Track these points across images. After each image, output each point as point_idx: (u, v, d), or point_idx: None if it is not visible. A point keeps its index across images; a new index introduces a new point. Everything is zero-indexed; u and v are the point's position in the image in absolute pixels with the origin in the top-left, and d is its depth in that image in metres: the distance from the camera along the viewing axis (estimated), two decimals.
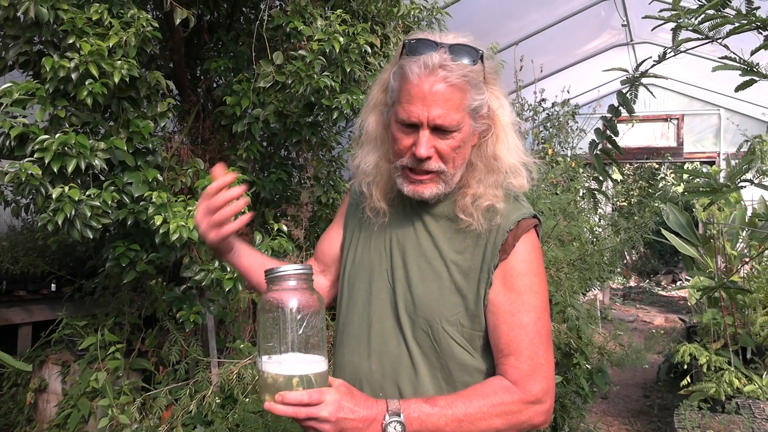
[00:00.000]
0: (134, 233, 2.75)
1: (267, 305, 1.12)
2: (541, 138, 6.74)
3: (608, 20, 7.08)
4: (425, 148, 1.18)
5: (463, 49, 1.19)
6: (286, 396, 1.05)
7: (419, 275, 1.27)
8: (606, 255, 4.90)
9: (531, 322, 1.22)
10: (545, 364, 1.22)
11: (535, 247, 1.27)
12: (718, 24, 1.22)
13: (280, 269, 1.13)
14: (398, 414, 1.11)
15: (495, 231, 1.24)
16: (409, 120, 1.19)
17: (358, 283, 1.36)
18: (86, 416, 3.25)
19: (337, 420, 1.07)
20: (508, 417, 1.17)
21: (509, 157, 1.27)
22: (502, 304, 1.23)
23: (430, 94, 1.16)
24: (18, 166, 2.20)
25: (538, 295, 1.24)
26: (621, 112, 1.76)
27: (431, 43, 1.19)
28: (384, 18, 3.55)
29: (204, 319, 2.97)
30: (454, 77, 1.17)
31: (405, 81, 1.19)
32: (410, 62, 1.19)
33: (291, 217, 3.65)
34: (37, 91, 2.33)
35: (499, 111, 1.26)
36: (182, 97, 3.44)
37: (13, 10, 2.26)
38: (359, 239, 1.41)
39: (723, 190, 1.19)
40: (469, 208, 1.24)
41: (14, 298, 4.05)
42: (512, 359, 1.21)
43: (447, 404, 1.15)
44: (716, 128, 9.21)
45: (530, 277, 1.24)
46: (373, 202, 1.33)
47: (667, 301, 11.15)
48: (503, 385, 1.20)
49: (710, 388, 4.00)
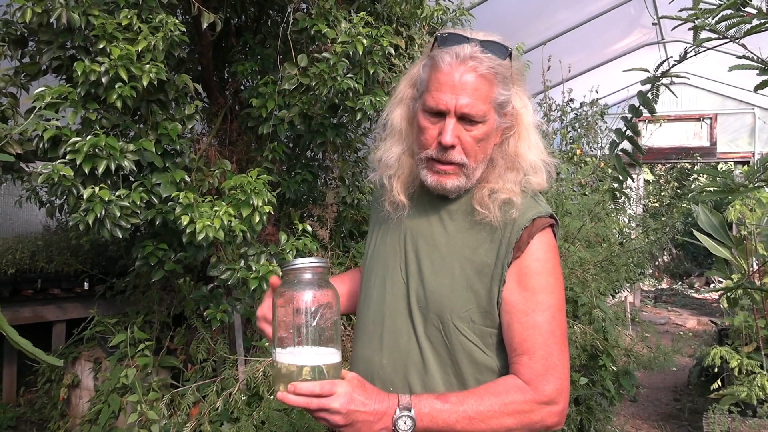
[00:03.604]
0: (163, 233, 2.81)
1: (282, 297, 1.14)
2: (569, 138, 6.68)
3: (638, 19, 7.00)
4: (450, 136, 1.20)
5: (493, 45, 1.23)
6: (298, 386, 1.07)
7: (431, 270, 1.28)
8: (634, 256, 4.84)
9: (545, 321, 1.21)
10: (559, 365, 1.21)
11: (551, 247, 1.26)
12: (734, 24, 1.21)
13: (295, 262, 1.15)
14: (409, 409, 1.12)
15: (510, 227, 1.23)
16: (437, 107, 1.21)
17: (374, 278, 1.37)
18: (116, 412, 3.32)
19: (348, 412, 1.09)
20: (520, 416, 1.17)
21: (530, 155, 1.28)
22: (516, 303, 1.22)
23: (460, 83, 1.19)
24: (51, 168, 2.26)
25: (552, 295, 1.23)
26: (642, 112, 1.75)
27: (463, 38, 1.22)
28: (408, 20, 3.57)
29: (231, 318, 3.01)
30: (484, 68, 1.20)
31: (436, 70, 1.22)
32: (442, 52, 1.22)
33: (316, 217, 3.69)
34: (69, 94, 2.40)
35: (522, 110, 1.29)
36: (210, 99, 3.50)
37: (46, 16, 2.32)
38: (378, 234, 1.42)
39: (740, 189, 1.18)
40: (485, 200, 1.24)
41: (49, 296, 4.16)
42: (525, 358, 1.20)
43: (458, 401, 1.16)
44: (751, 127, 9.02)
45: (545, 277, 1.23)
46: (393, 195, 1.34)
47: (700, 303, 10.94)
48: (516, 384, 1.20)
49: (741, 392, 3.93)
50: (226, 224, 2.52)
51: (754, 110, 8.89)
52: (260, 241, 3.15)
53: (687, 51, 1.51)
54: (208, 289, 3.03)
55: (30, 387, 4.12)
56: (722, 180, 1.21)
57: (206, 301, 2.97)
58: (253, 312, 3.50)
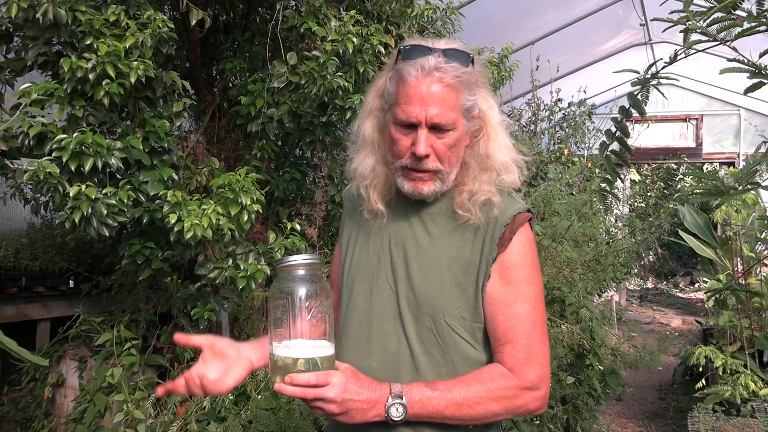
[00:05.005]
0: (150, 231, 2.79)
1: (277, 293, 1.19)
2: (557, 138, 6.71)
3: (626, 20, 7.03)
4: (424, 146, 1.24)
5: (456, 53, 1.26)
6: (295, 377, 1.13)
7: (420, 273, 1.31)
8: (621, 256, 4.87)
9: (527, 312, 1.28)
10: (540, 352, 1.28)
11: (530, 240, 1.33)
12: (726, 27, 1.22)
13: (289, 259, 1.20)
14: (401, 396, 1.19)
15: (492, 224, 1.29)
16: (408, 120, 1.25)
17: (358, 284, 1.39)
18: (102, 411, 3.29)
19: (343, 401, 1.15)
20: (505, 402, 1.24)
21: (501, 155, 1.33)
22: (499, 296, 1.28)
23: (428, 94, 1.23)
24: (36, 165, 2.24)
25: (533, 286, 1.30)
26: (632, 113, 1.76)
27: (425, 48, 1.26)
28: (398, 18, 3.56)
29: (218, 317, 3.00)
30: (449, 78, 1.23)
31: (402, 83, 1.25)
32: (407, 66, 1.25)
33: (305, 216, 3.68)
34: (56, 91, 2.37)
35: (489, 112, 1.33)
36: (198, 96, 3.48)
37: (32, 11, 2.30)
38: (357, 241, 1.44)
39: (730, 192, 1.19)
40: (466, 203, 1.29)
41: (33, 294, 4.11)
42: (509, 347, 1.27)
43: (447, 388, 1.22)
44: (736, 128, 9.11)
45: (526, 269, 1.29)
46: (371, 204, 1.37)
47: (685, 303, 11.04)
48: (500, 371, 1.26)
49: (725, 391, 3.97)
50: (214, 222, 2.51)
51: (740, 111, 8.98)
52: (248, 239, 3.14)
53: (677, 53, 1.52)
54: (196, 287, 3.01)
55: (14, 386, 4.06)
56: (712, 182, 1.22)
57: (193, 300, 2.95)
58: (240, 311, 3.49)
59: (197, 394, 1.30)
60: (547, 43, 6.61)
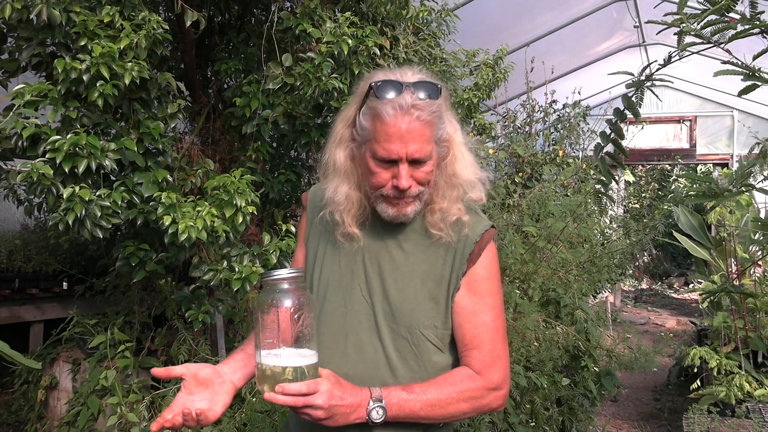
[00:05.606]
0: (144, 233, 2.78)
1: (264, 306, 1.26)
2: (552, 140, 6.72)
3: (620, 22, 7.06)
4: (406, 180, 1.31)
5: (427, 86, 1.31)
6: (286, 387, 1.19)
7: (395, 287, 1.40)
8: (616, 257, 4.88)
9: (491, 320, 1.41)
10: (503, 356, 1.42)
11: (494, 255, 1.46)
12: (719, 29, 1.22)
13: (274, 273, 1.27)
14: (380, 400, 1.28)
15: (463, 242, 1.39)
16: (389, 157, 1.30)
17: (330, 296, 1.45)
18: (96, 414, 3.27)
19: (329, 407, 1.22)
20: (473, 401, 1.36)
21: (466, 173, 1.41)
22: (466, 306, 1.40)
23: (407, 132, 1.28)
24: (30, 166, 2.22)
25: (496, 297, 1.43)
26: (626, 115, 1.76)
27: (396, 84, 1.30)
28: (393, 20, 3.56)
29: (213, 319, 2.99)
30: (426, 115, 1.29)
31: (381, 122, 1.30)
32: (383, 104, 1.29)
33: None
34: (49, 92, 2.36)
35: (454, 134, 1.41)
36: (193, 98, 3.47)
37: (26, 12, 2.28)
38: (326, 256, 1.49)
39: (724, 194, 1.20)
40: (438, 223, 1.38)
41: (27, 296, 4.09)
42: (476, 352, 1.39)
43: (422, 391, 1.32)
44: (729, 130, 9.15)
45: (490, 281, 1.42)
46: (346, 227, 1.41)
47: (680, 303, 11.07)
48: (468, 374, 1.38)
49: (720, 392, 3.98)
50: (208, 224, 2.50)
51: (733, 113, 9.02)
52: (243, 241, 3.13)
53: (671, 55, 1.52)
54: (190, 289, 3.00)
55: (6, 388, 4.05)
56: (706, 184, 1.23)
57: (188, 302, 2.94)
58: (235, 313, 3.48)
59: (191, 427, 1.34)
60: (542, 45, 6.63)
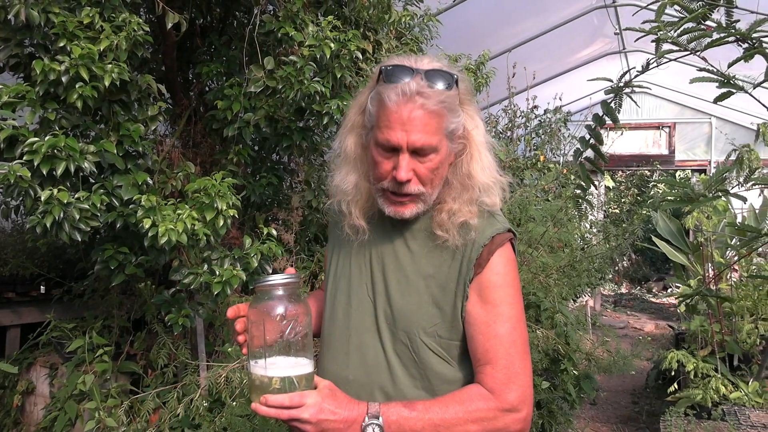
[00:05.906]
0: (123, 236, 2.75)
1: (255, 313, 1.19)
2: (533, 145, 6.76)
3: (601, 28, 7.13)
4: (405, 172, 1.22)
5: (439, 74, 1.23)
6: (269, 398, 1.13)
7: (398, 289, 1.31)
8: (595, 261, 4.92)
9: (506, 332, 1.25)
10: (521, 373, 1.25)
11: (510, 260, 1.31)
12: (696, 37, 1.25)
13: (267, 278, 1.20)
14: (377, 417, 1.17)
15: (470, 246, 1.28)
16: (389, 144, 1.23)
17: (339, 295, 1.39)
18: (73, 419, 3.24)
19: (318, 421, 1.14)
20: (484, 423, 1.21)
21: (482, 176, 1.31)
22: (478, 315, 1.26)
23: (409, 119, 1.20)
24: (7, 168, 2.19)
25: (513, 306, 1.28)
26: (605, 120, 1.78)
27: (407, 69, 1.23)
28: (376, 24, 3.57)
29: (193, 323, 2.97)
30: (432, 104, 1.21)
31: (383, 107, 1.23)
32: (388, 89, 1.22)
33: (281, 221, 3.66)
34: (27, 93, 2.33)
35: (474, 131, 1.31)
36: (174, 100, 3.45)
37: (3, 12, 2.26)
38: (340, 254, 1.44)
39: (700, 199, 1.22)
40: (445, 224, 1.28)
41: (3, 299, 4.04)
42: (489, 368, 1.25)
43: (425, 409, 1.20)
44: (708, 136, 9.27)
45: (505, 289, 1.27)
46: (353, 219, 1.36)
47: (658, 308, 11.18)
48: (480, 392, 1.24)
49: (697, 395, 4.03)
50: (189, 228, 2.48)
51: (711, 120, 9.14)
52: (224, 244, 3.11)
53: (649, 62, 1.54)
54: (170, 293, 2.98)
55: None
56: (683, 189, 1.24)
57: (168, 306, 2.91)
58: (215, 317, 3.46)
59: None
60: (524, 51, 6.67)
